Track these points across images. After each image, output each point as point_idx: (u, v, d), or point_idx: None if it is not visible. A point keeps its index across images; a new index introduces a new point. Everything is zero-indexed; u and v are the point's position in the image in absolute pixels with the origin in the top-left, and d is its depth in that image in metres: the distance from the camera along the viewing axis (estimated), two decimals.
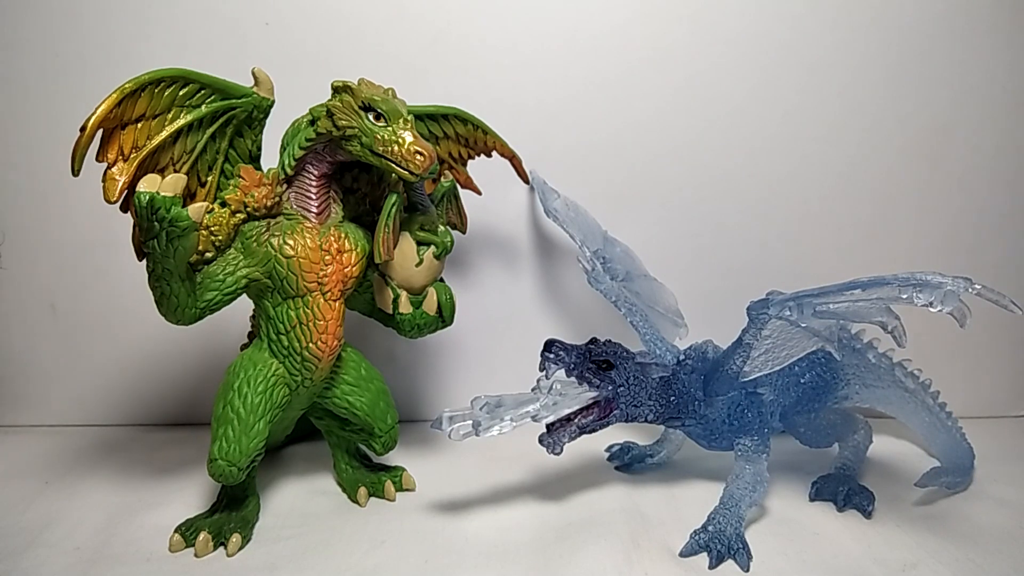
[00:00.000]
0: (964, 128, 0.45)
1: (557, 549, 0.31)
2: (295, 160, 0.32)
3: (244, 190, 0.31)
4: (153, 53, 0.41)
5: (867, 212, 0.46)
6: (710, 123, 0.44)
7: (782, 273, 0.46)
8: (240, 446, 0.30)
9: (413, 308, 0.35)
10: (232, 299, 0.31)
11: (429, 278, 0.34)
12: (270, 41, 0.42)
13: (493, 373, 0.46)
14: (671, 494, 0.37)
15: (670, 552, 0.31)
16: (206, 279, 0.30)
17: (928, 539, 0.33)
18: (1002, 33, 0.43)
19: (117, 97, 0.27)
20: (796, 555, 0.31)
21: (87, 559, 0.30)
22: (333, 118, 0.31)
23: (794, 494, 0.37)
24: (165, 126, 0.29)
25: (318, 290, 0.32)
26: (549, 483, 0.38)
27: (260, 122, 0.32)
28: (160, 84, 0.28)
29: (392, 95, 0.32)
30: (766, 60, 0.44)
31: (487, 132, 0.38)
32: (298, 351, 0.32)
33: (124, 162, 0.28)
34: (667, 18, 0.43)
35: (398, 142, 0.30)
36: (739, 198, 0.45)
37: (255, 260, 0.31)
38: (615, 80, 0.44)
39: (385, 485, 0.36)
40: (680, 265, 0.45)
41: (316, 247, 0.32)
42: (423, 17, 0.43)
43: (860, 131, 0.45)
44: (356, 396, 0.35)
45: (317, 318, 0.32)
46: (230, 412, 0.31)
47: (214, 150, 0.31)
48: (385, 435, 0.35)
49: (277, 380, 0.32)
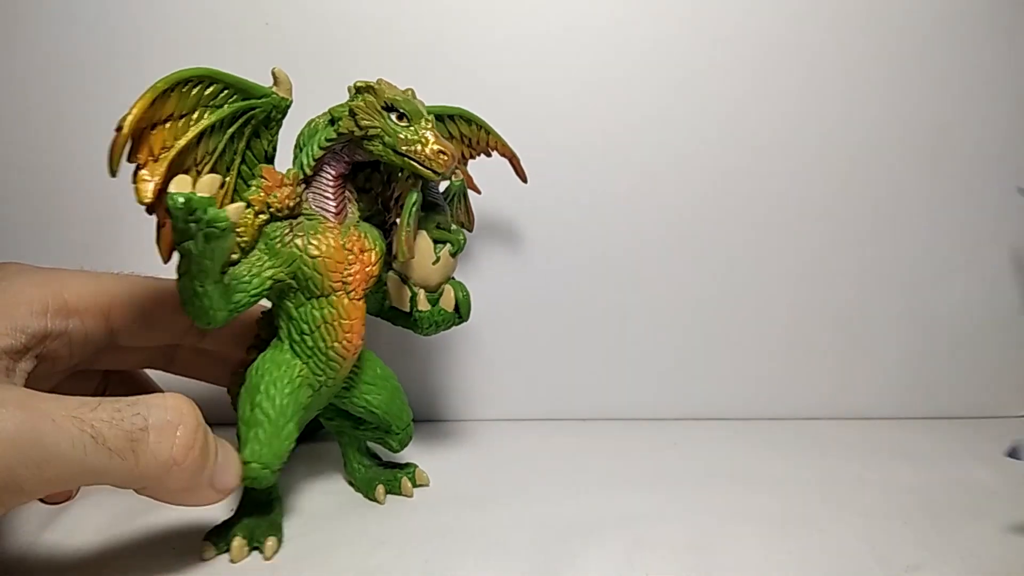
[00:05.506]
0: (965, 128, 0.45)
1: (558, 549, 0.31)
2: (314, 160, 0.32)
3: (267, 191, 0.31)
4: (153, 53, 0.41)
5: (868, 212, 0.46)
6: (709, 123, 0.44)
7: (782, 273, 0.46)
8: (272, 448, 0.30)
9: (431, 305, 0.35)
10: (257, 300, 0.31)
11: (445, 275, 0.35)
12: (270, 41, 0.42)
13: (493, 372, 0.47)
14: (673, 494, 0.37)
15: (672, 552, 0.31)
16: (232, 281, 0.30)
17: (932, 539, 0.33)
18: (1003, 33, 0.44)
19: (151, 96, 0.26)
20: (800, 553, 0.31)
21: (88, 559, 0.30)
22: (356, 118, 0.31)
23: (799, 491, 0.37)
24: (191, 126, 0.28)
25: (343, 289, 0.32)
26: (550, 483, 0.38)
27: (277, 122, 0.32)
28: (188, 84, 0.28)
29: (412, 95, 0.32)
30: (766, 60, 0.44)
31: (489, 132, 0.39)
32: (323, 351, 0.32)
33: (155, 162, 0.27)
34: (668, 18, 0.43)
35: (421, 141, 0.30)
36: (739, 198, 0.45)
37: (280, 261, 0.31)
38: (615, 80, 0.44)
39: (402, 481, 0.36)
40: (680, 265, 0.45)
41: (340, 246, 0.32)
42: (423, 17, 0.43)
43: (861, 131, 0.45)
44: (374, 395, 0.35)
45: (342, 317, 0.32)
46: (259, 415, 0.30)
47: (232, 151, 0.31)
48: (402, 432, 0.36)
49: (302, 381, 0.32)
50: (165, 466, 0.26)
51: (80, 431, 0.24)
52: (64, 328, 0.30)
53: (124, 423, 0.25)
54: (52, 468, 0.24)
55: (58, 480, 0.24)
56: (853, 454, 0.42)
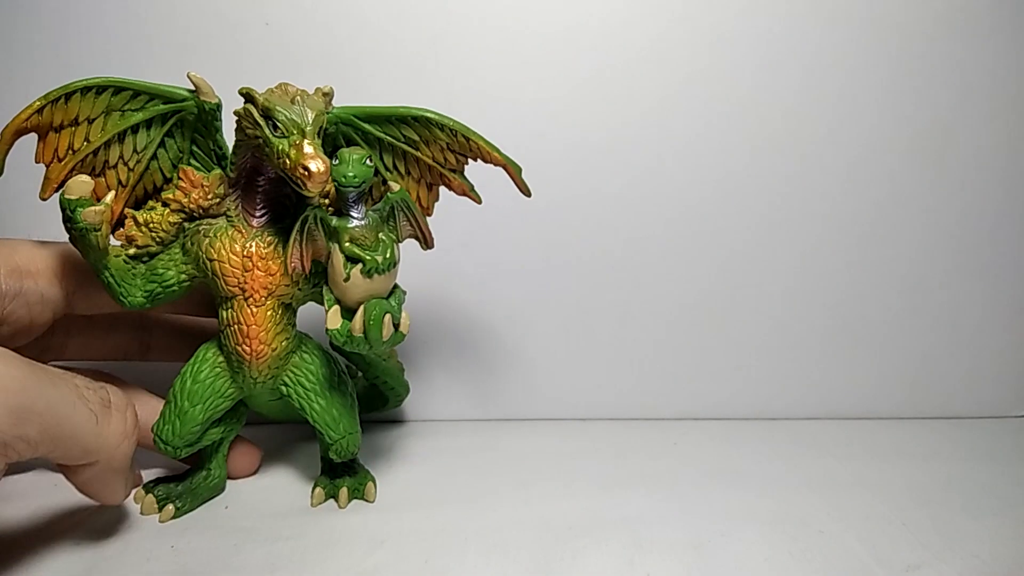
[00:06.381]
0: (966, 128, 0.45)
1: (558, 550, 0.31)
2: (234, 164, 0.32)
3: (183, 190, 0.32)
4: (152, 53, 0.42)
5: (868, 211, 0.46)
6: (709, 124, 0.44)
7: (782, 273, 0.46)
8: (173, 427, 0.33)
9: (344, 323, 0.32)
10: (175, 293, 0.33)
11: (362, 294, 0.32)
12: (270, 41, 0.42)
13: (493, 372, 0.47)
14: (673, 494, 0.37)
15: (672, 552, 0.31)
16: (148, 271, 0.33)
17: (932, 540, 0.33)
18: (1003, 33, 0.44)
19: (38, 106, 0.29)
20: (800, 554, 0.31)
21: (87, 559, 0.30)
22: (241, 125, 0.31)
23: (799, 493, 0.37)
24: (104, 128, 0.30)
25: (240, 295, 0.32)
26: (550, 483, 0.38)
27: (212, 123, 0.32)
28: (89, 91, 0.30)
29: (303, 99, 0.30)
30: (766, 60, 0.44)
31: (469, 136, 0.33)
32: (231, 350, 0.33)
33: (59, 163, 0.30)
34: (668, 17, 0.43)
35: (289, 154, 0.29)
36: (739, 198, 0.45)
37: (190, 259, 0.33)
38: (615, 80, 0.44)
39: (340, 491, 0.36)
40: (680, 265, 0.45)
41: (239, 252, 0.32)
42: (423, 17, 0.43)
43: (861, 130, 0.45)
44: (307, 400, 0.34)
45: (240, 322, 0.32)
46: (171, 395, 0.33)
47: (175, 148, 0.32)
48: (335, 443, 0.34)
49: (221, 372, 0.33)
50: (121, 436, 0.28)
51: (72, 387, 0.27)
52: (19, 288, 0.31)
53: (99, 392, 0.28)
54: (50, 417, 0.25)
55: (46, 432, 0.25)
56: (853, 454, 0.42)
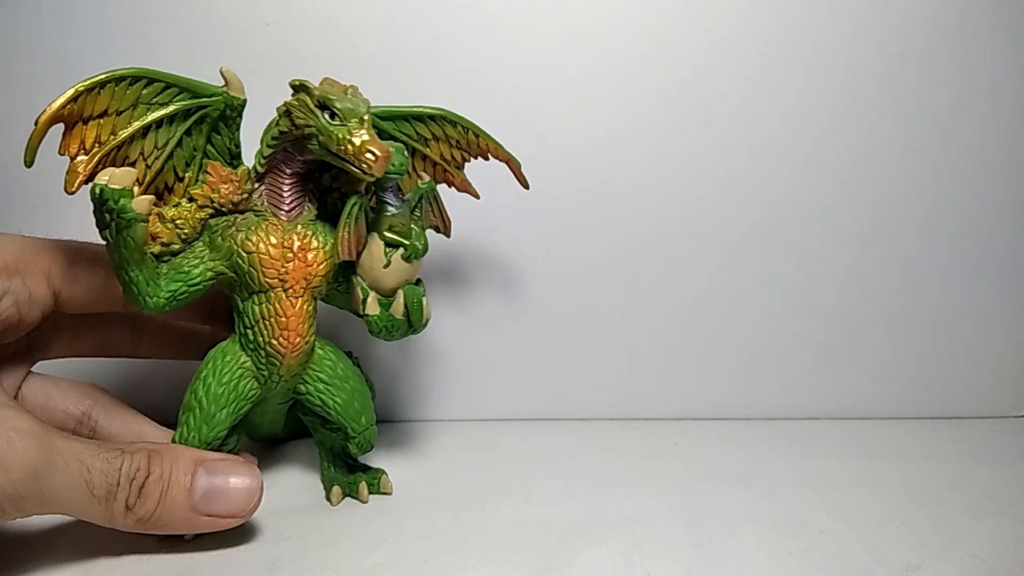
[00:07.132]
0: (966, 129, 0.45)
1: (558, 549, 0.31)
2: (264, 158, 0.32)
3: (211, 186, 0.32)
4: (152, 53, 0.41)
5: (868, 212, 0.46)
6: (709, 124, 0.44)
7: (782, 273, 0.46)
8: (200, 434, 0.32)
9: (382, 310, 0.34)
10: (199, 291, 0.32)
11: (398, 280, 0.33)
12: (270, 41, 0.42)
13: (492, 372, 0.47)
14: (673, 494, 0.37)
15: (672, 552, 0.31)
16: (171, 270, 0.32)
17: (933, 540, 0.33)
18: (1003, 33, 0.44)
19: (72, 94, 0.28)
20: (800, 554, 0.31)
21: (87, 559, 0.30)
22: (291, 116, 0.31)
23: (799, 493, 0.37)
24: (131, 122, 0.30)
25: (280, 287, 0.32)
26: (550, 483, 0.38)
27: (234, 120, 0.32)
28: (122, 82, 0.29)
29: (353, 92, 0.32)
30: (765, 60, 0.44)
31: (479, 135, 0.36)
32: (262, 346, 0.33)
33: (86, 155, 0.29)
34: (668, 17, 0.43)
35: (351, 140, 0.30)
36: (739, 198, 0.45)
37: (219, 255, 0.32)
38: (615, 79, 0.44)
39: (360, 486, 0.36)
40: (680, 265, 0.45)
41: (278, 244, 0.32)
42: (423, 17, 0.43)
43: (861, 130, 0.45)
44: (329, 395, 0.35)
45: (279, 314, 0.32)
46: (193, 400, 0.32)
47: (191, 146, 0.32)
48: (359, 436, 0.35)
49: (244, 372, 0.33)
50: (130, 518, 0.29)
51: (79, 474, 0.27)
52: (6, 288, 0.31)
53: (111, 476, 0.28)
54: (50, 501, 0.27)
55: (46, 507, 0.27)
56: (853, 454, 0.42)
